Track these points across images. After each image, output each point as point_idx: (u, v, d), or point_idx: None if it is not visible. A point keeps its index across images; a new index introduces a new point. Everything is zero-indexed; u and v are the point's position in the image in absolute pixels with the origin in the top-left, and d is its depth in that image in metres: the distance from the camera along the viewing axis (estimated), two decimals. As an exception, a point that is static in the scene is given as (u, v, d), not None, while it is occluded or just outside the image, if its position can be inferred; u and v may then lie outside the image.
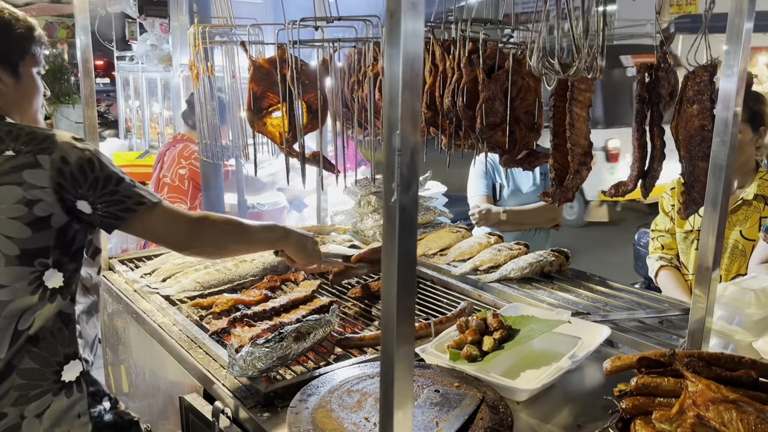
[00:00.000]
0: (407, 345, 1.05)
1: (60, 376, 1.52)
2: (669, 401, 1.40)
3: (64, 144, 1.48)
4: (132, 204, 1.52)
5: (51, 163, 1.45)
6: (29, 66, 1.62)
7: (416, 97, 0.96)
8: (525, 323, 1.78)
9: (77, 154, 1.47)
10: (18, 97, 1.60)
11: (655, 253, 2.67)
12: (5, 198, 1.43)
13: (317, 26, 1.98)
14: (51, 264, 1.50)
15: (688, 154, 1.81)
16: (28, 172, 1.44)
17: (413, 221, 1.01)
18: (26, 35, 1.61)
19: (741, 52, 1.49)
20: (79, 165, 1.47)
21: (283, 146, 2.18)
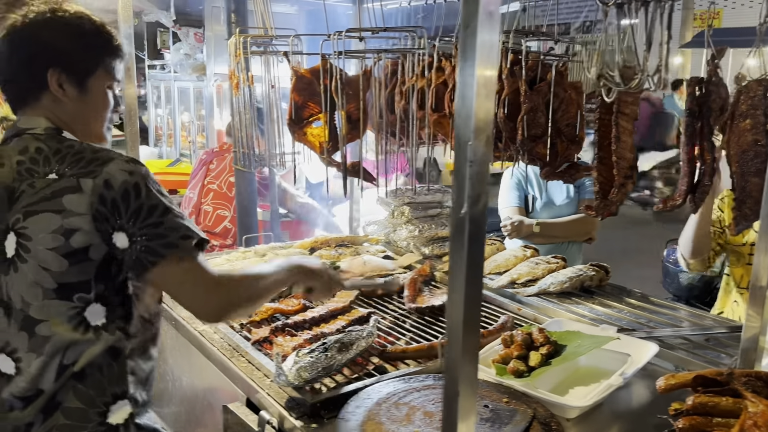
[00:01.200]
0: (472, 359, 1.03)
1: (105, 417, 1.38)
2: (727, 422, 1.36)
3: (112, 166, 1.34)
4: (175, 238, 1.34)
5: (93, 187, 1.31)
6: (100, 80, 1.48)
7: (490, 108, 0.95)
8: (572, 339, 1.75)
9: (123, 178, 1.33)
10: (80, 110, 1.47)
11: None
12: (43, 227, 1.31)
13: (362, 37, 1.99)
14: (93, 299, 1.36)
15: (740, 169, 1.78)
16: (68, 197, 1.31)
17: (482, 234, 1.00)
18: (100, 46, 1.48)
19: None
20: (123, 190, 1.32)
21: (324, 156, 2.18)
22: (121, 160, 1.36)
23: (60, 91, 1.43)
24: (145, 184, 1.35)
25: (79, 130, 1.48)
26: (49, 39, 1.43)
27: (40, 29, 1.43)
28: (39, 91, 1.43)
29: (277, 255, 2.55)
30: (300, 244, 2.81)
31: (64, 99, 1.44)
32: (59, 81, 1.43)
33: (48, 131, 1.43)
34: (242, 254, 2.59)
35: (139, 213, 1.33)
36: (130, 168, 1.35)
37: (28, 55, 1.42)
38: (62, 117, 1.46)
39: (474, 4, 0.90)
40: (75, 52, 1.44)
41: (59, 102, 1.45)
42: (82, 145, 1.40)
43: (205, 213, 3.64)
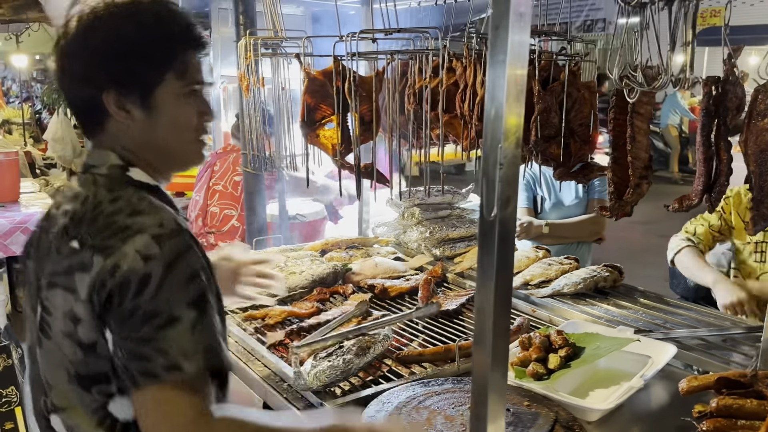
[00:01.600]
0: (502, 363, 1.02)
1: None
2: (752, 424, 1.35)
3: (133, 244, 1.04)
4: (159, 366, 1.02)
5: (100, 270, 1.04)
6: (172, 89, 1.15)
7: (520, 110, 0.94)
8: (590, 341, 1.74)
9: (132, 265, 1.02)
10: (152, 135, 1.17)
11: (686, 235, 2.70)
12: (58, 305, 1.10)
13: (374, 38, 1.98)
14: (115, 392, 1.11)
15: (758, 168, 1.76)
16: (79, 276, 1.07)
17: (511, 237, 0.99)
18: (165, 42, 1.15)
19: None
20: (123, 281, 1.02)
21: (337, 158, 2.17)
22: (149, 236, 1.05)
23: (123, 114, 1.15)
24: (162, 276, 1.03)
25: (157, 160, 1.21)
26: (96, 50, 1.12)
27: (85, 37, 1.13)
28: (102, 117, 1.16)
29: (288, 257, 2.54)
30: (311, 246, 2.81)
31: (132, 124, 1.16)
32: (119, 104, 1.14)
33: (112, 171, 1.16)
34: (253, 257, 2.58)
35: (129, 318, 1.03)
36: (151, 251, 1.04)
37: (78, 76, 1.14)
38: (132, 147, 1.18)
39: (504, 4, 0.89)
40: (128, 60, 1.12)
41: (127, 128, 1.17)
42: (129, 201, 1.11)
43: (212, 215, 3.64)
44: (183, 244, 1.08)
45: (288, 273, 2.38)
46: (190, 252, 1.08)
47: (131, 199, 1.12)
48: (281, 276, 1.95)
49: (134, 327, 1.03)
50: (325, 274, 2.40)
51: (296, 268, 2.42)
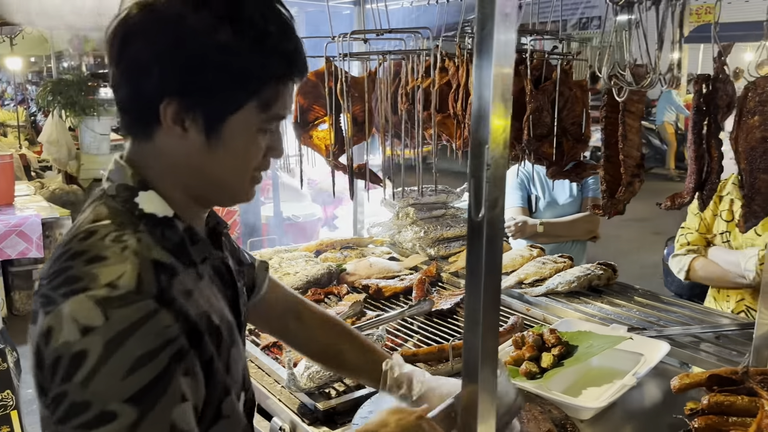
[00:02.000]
0: (491, 363, 1.02)
1: None
2: (744, 420, 1.36)
3: (74, 305, 0.82)
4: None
5: (39, 328, 0.84)
6: (247, 120, 0.94)
7: (507, 111, 0.94)
8: (583, 339, 1.75)
9: (67, 336, 0.80)
10: (202, 164, 0.96)
11: (682, 248, 2.62)
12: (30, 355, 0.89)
13: (366, 39, 1.98)
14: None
15: (748, 166, 1.77)
16: (32, 326, 0.88)
17: (500, 237, 0.99)
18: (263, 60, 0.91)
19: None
20: (54, 359, 0.81)
21: (330, 159, 2.17)
22: (92, 300, 0.81)
23: (179, 131, 0.93)
24: (101, 357, 0.79)
25: (201, 191, 1.00)
26: (169, 44, 0.89)
27: (160, 22, 0.89)
28: (151, 123, 0.94)
29: (282, 258, 2.54)
30: (305, 247, 2.81)
31: (185, 144, 0.94)
32: (177, 118, 0.92)
33: (119, 191, 0.96)
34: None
35: (56, 407, 0.81)
36: (92, 321, 0.80)
37: (137, 68, 0.91)
38: (173, 167, 0.97)
39: (490, 5, 0.90)
40: (206, 72, 0.89)
41: (178, 146, 0.95)
42: (101, 239, 0.89)
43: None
44: (141, 311, 0.82)
45: (282, 274, 2.38)
46: (150, 321, 0.82)
47: (106, 236, 0.89)
48: None
49: (61, 419, 0.80)
50: (320, 275, 2.40)
51: (290, 269, 2.42)
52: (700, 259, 2.49)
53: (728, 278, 2.38)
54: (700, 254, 2.51)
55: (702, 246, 2.55)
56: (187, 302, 0.90)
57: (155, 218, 0.96)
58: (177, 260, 0.94)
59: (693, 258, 2.50)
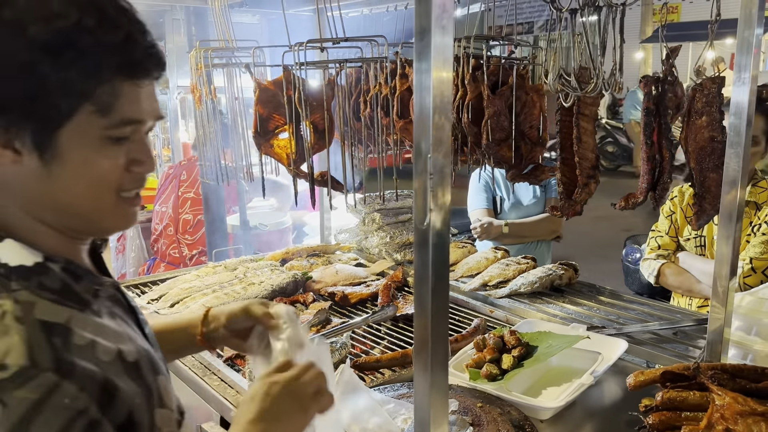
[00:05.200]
0: (442, 368, 1.03)
1: None
2: (696, 415, 1.39)
3: None
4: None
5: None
6: (88, 129, 0.81)
7: (447, 120, 0.96)
8: (543, 339, 1.77)
9: None
10: (52, 191, 0.83)
11: (653, 253, 2.66)
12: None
13: (323, 47, 1.98)
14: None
15: (698, 165, 1.82)
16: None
17: (446, 244, 1.00)
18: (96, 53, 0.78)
19: (752, 60, 1.50)
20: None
21: (291, 167, 2.17)
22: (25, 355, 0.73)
23: (10, 156, 0.80)
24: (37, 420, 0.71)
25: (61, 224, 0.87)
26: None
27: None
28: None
29: (248, 268, 2.52)
30: (271, 256, 2.80)
31: (21, 170, 0.81)
32: (2, 140, 0.79)
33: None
34: (212, 269, 2.56)
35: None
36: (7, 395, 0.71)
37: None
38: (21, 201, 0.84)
39: (426, 18, 0.91)
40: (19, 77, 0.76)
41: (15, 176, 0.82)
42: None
43: (185, 222, 3.65)
44: (41, 387, 0.73)
45: (247, 284, 2.37)
46: (54, 396, 0.73)
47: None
48: None
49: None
50: (285, 284, 2.39)
51: (255, 278, 2.41)
52: (671, 266, 2.53)
53: (698, 288, 2.44)
54: (670, 259, 2.57)
55: (672, 251, 2.61)
56: (92, 356, 0.79)
57: (25, 269, 0.82)
58: (67, 308, 0.82)
59: (663, 263, 2.55)
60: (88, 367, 0.78)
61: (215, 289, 2.32)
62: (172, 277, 2.55)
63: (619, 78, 1.58)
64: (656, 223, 2.73)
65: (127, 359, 0.85)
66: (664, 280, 2.57)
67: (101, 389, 0.78)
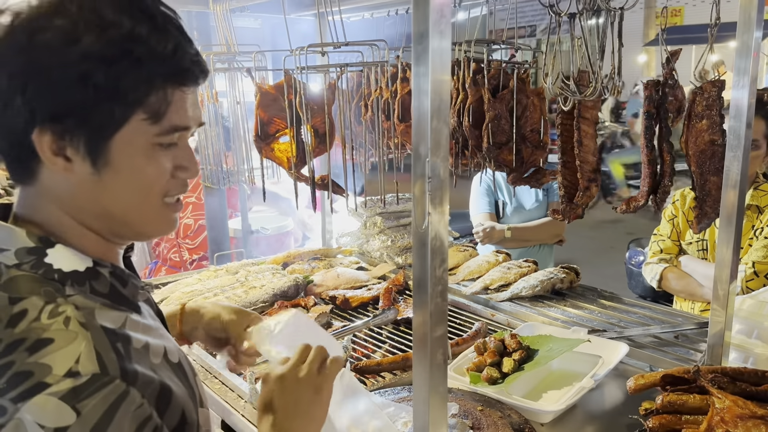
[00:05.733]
0: (440, 371, 1.04)
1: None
2: (696, 419, 1.39)
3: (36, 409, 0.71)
4: None
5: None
6: (137, 137, 0.82)
7: (445, 124, 0.96)
8: (543, 343, 1.77)
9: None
10: (102, 197, 0.84)
11: (655, 257, 2.65)
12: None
13: (324, 51, 1.99)
14: None
15: (698, 169, 1.82)
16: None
17: (444, 247, 1.01)
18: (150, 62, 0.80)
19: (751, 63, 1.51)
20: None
21: (292, 171, 2.18)
22: (56, 395, 0.72)
23: (61, 163, 0.81)
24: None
25: (107, 229, 0.89)
26: (26, 63, 0.77)
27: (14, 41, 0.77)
28: (31, 161, 0.82)
29: (249, 271, 2.53)
30: (273, 260, 2.80)
31: (71, 176, 0.82)
32: (55, 149, 0.80)
33: (22, 258, 0.82)
34: (214, 273, 2.57)
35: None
36: (64, 421, 0.71)
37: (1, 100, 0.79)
38: (70, 207, 0.85)
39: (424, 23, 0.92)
40: (75, 86, 0.77)
41: (66, 182, 0.83)
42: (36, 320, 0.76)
43: (186, 227, 3.65)
44: (112, 394, 0.75)
45: (248, 287, 2.37)
46: (124, 403, 0.75)
47: (40, 315, 0.76)
48: None
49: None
50: (287, 287, 2.40)
51: (257, 282, 2.41)
52: (673, 270, 2.53)
53: (701, 293, 2.42)
54: (672, 263, 2.56)
55: (674, 254, 2.60)
56: (148, 360, 0.82)
57: (78, 274, 0.83)
58: (121, 311, 0.85)
59: (665, 267, 2.54)
60: (147, 374, 0.80)
61: (217, 293, 2.33)
62: (174, 280, 2.56)
63: (617, 81, 1.58)
64: (658, 227, 2.73)
65: (171, 360, 0.88)
66: (667, 284, 2.57)
67: (159, 395, 0.80)
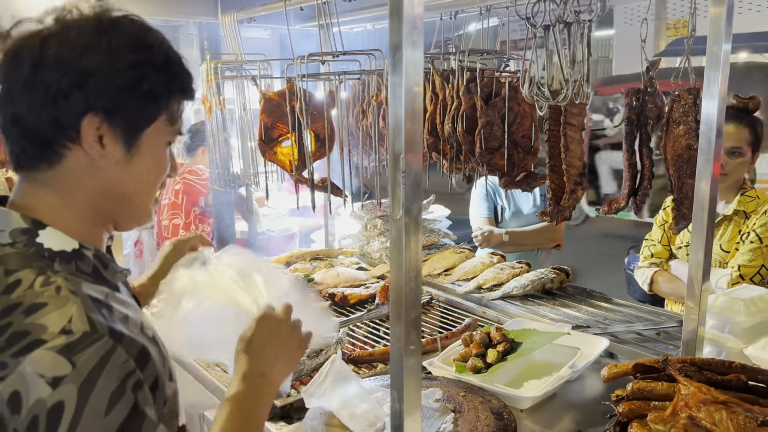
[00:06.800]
0: (415, 351, 1.14)
1: None
2: (663, 404, 1.47)
3: (35, 361, 0.82)
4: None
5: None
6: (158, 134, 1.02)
7: (418, 124, 1.07)
8: (527, 336, 1.87)
9: (38, 395, 0.81)
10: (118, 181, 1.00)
11: (646, 261, 2.72)
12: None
13: (324, 60, 2.11)
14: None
15: (676, 172, 1.91)
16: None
17: (418, 237, 1.11)
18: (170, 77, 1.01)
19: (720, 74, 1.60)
20: (30, 421, 0.81)
21: (293, 173, 2.29)
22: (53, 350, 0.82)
23: (98, 148, 0.95)
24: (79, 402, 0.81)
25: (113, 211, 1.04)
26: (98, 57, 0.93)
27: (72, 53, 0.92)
28: (57, 151, 0.95)
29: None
30: (276, 259, 2.92)
31: (102, 161, 0.97)
32: (98, 134, 0.95)
33: (16, 238, 0.93)
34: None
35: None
36: (60, 371, 0.81)
37: (51, 98, 0.92)
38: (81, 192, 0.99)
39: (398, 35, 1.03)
40: (129, 85, 0.95)
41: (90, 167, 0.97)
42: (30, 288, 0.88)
43: (164, 228, 3.76)
44: (101, 349, 0.85)
45: (252, 284, 2.48)
46: (112, 357, 0.85)
47: (33, 284, 0.88)
48: None
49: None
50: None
51: (260, 279, 2.52)
52: (663, 273, 2.60)
53: None
54: (663, 267, 2.63)
55: (665, 259, 2.67)
56: (128, 327, 0.91)
57: (66, 254, 0.95)
58: (101, 287, 0.95)
59: (656, 271, 2.61)
60: (130, 335, 0.90)
61: (221, 289, 2.44)
62: (181, 277, 2.68)
63: (586, 88, 1.68)
64: (650, 233, 2.82)
65: (147, 334, 0.97)
66: (657, 288, 2.65)
67: (139, 354, 0.90)
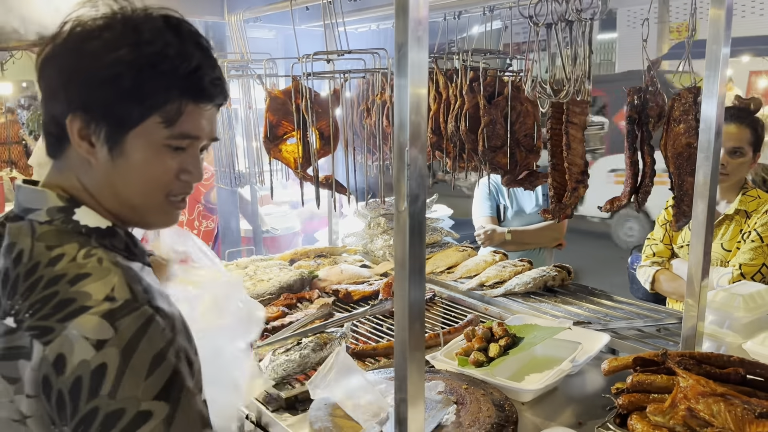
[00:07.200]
0: (419, 343, 1.16)
1: None
2: (662, 397, 1.50)
3: (80, 325, 0.86)
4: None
5: (41, 360, 0.86)
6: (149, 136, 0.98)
7: (422, 119, 1.10)
8: (528, 331, 1.89)
9: (81, 357, 0.85)
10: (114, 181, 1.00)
11: (648, 260, 2.74)
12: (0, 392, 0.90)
13: (329, 59, 2.14)
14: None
15: (676, 170, 1.94)
16: (22, 363, 0.88)
17: (422, 228, 1.14)
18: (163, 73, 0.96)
19: (719, 76, 1.63)
20: (74, 381, 0.85)
21: (298, 171, 2.32)
22: (98, 315, 0.86)
23: (85, 146, 0.98)
24: (121, 365, 0.85)
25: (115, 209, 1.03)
26: (73, 62, 0.95)
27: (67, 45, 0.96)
28: (63, 140, 0.99)
29: (258, 266, 2.68)
30: (281, 256, 2.95)
31: (91, 159, 0.99)
32: (83, 133, 0.97)
33: (53, 215, 0.97)
34: (224, 267, 2.72)
35: (90, 425, 0.85)
36: (103, 334, 0.85)
37: (49, 87, 0.99)
38: (89, 184, 1.01)
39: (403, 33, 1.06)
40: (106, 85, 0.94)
41: (87, 163, 1.00)
42: (73, 260, 0.92)
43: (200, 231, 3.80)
44: (142, 317, 0.89)
45: (257, 281, 2.52)
46: (152, 325, 0.89)
47: (75, 256, 0.92)
48: None
49: None
50: (292, 281, 2.54)
51: (265, 275, 2.56)
52: (665, 272, 2.62)
53: None
54: (664, 266, 2.65)
55: (666, 258, 2.69)
56: (162, 302, 0.95)
57: (101, 230, 0.99)
58: (135, 264, 0.99)
59: (657, 270, 2.63)
60: (164, 307, 0.94)
61: (227, 285, 2.47)
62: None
63: (587, 85, 1.71)
64: (652, 232, 2.84)
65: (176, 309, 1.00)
66: (659, 286, 2.67)
67: (175, 325, 0.94)
